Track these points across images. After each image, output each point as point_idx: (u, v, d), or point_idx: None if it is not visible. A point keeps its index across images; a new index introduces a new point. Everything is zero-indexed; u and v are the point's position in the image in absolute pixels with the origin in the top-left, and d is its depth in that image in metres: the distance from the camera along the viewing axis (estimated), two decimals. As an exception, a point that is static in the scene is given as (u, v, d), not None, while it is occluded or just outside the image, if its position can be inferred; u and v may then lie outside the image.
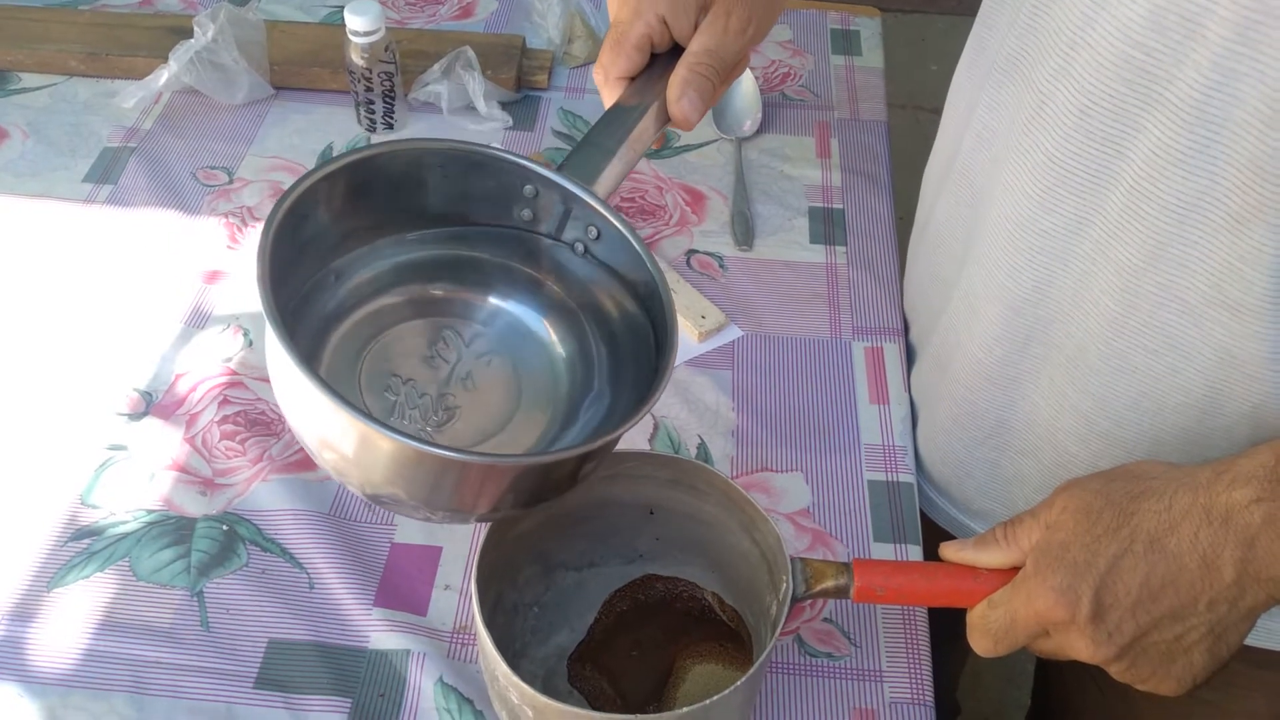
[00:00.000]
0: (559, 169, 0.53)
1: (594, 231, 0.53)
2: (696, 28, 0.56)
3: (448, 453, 0.44)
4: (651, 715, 0.48)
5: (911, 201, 0.75)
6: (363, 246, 0.53)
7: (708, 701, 0.48)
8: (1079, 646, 0.48)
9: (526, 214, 0.54)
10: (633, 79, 0.56)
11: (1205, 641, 0.47)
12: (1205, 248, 0.49)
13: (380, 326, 0.54)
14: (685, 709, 0.48)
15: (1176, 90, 0.47)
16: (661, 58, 0.57)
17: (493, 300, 0.57)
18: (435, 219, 0.54)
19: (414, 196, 0.52)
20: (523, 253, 0.56)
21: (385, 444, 0.43)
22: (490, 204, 0.54)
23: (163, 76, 0.90)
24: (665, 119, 0.56)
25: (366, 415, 0.42)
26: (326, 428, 0.45)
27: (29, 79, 0.94)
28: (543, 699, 0.48)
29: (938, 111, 0.69)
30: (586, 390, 0.55)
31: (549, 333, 0.57)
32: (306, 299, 0.51)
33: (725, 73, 0.56)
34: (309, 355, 0.49)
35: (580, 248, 0.54)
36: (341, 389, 0.45)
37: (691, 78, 0.55)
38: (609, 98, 0.56)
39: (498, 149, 0.52)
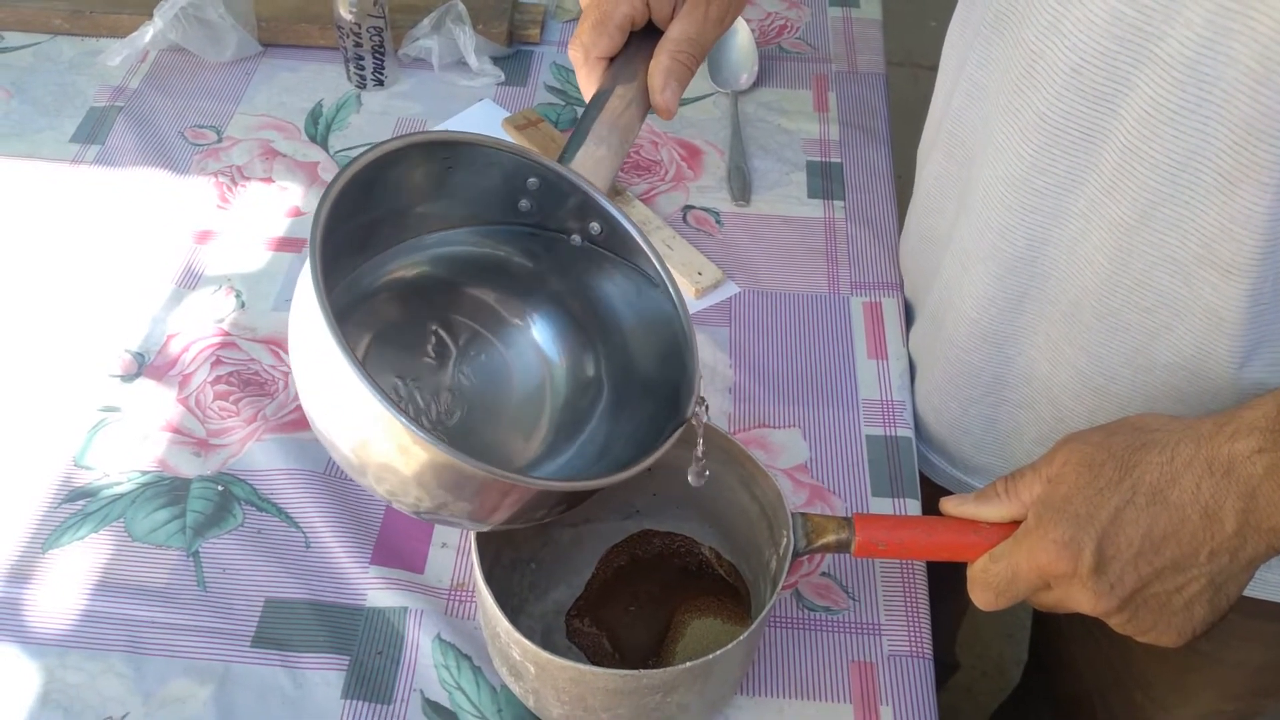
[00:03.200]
0: (562, 161, 0.52)
1: (597, 227, 0.53)
2: (674, 11, 0.56)
3: (541, 482, 0.45)
4: (654, 670, 0.48)
5: (910, 160, 0.74)
6: (365, 257, 0.52)
7: (710, 657, 0.48)
8: (1081, 599, 0.48)
9: (525, 204, 0.53)
10: (611, 59, 0.56)
11: (1206, 593, 0.47)
12: (1197, 207, 0.49)
13: (376, 326, 0.53)
14: (688, 663, 0.48)
15: (1168, 47, 0.46)
16: (635, 37, 0.56)
17: (489, 297, 0.56)
18: (430, 218, 0.53)
19: (416, 194, 0.51)
20: (522, 248, 0.55)
21: (470, 472, 0.43)
22: (490, 196, 0.53)
23: (148, 34, 0.89)
24: (647, 106, 0.56)
25: (455, 450, 0.42)
26: (399, 457, 0.44)
27: (12, 38, 0.93)
28: (545, 655, 0.48)
29: (936, 69, 0.68)
30: (591, 387, 0.55)
31: (548, 327, 0.56)
32: None
33: (701, 61, 0.57)
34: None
35: (577, 239, 0.54)
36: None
37: (674, 67, 0.55)
38: (588, 76, 0.56)
39: (504, 141, 0.51)
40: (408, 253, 0.54)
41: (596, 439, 0.54)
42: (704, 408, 0.51)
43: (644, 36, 0.56)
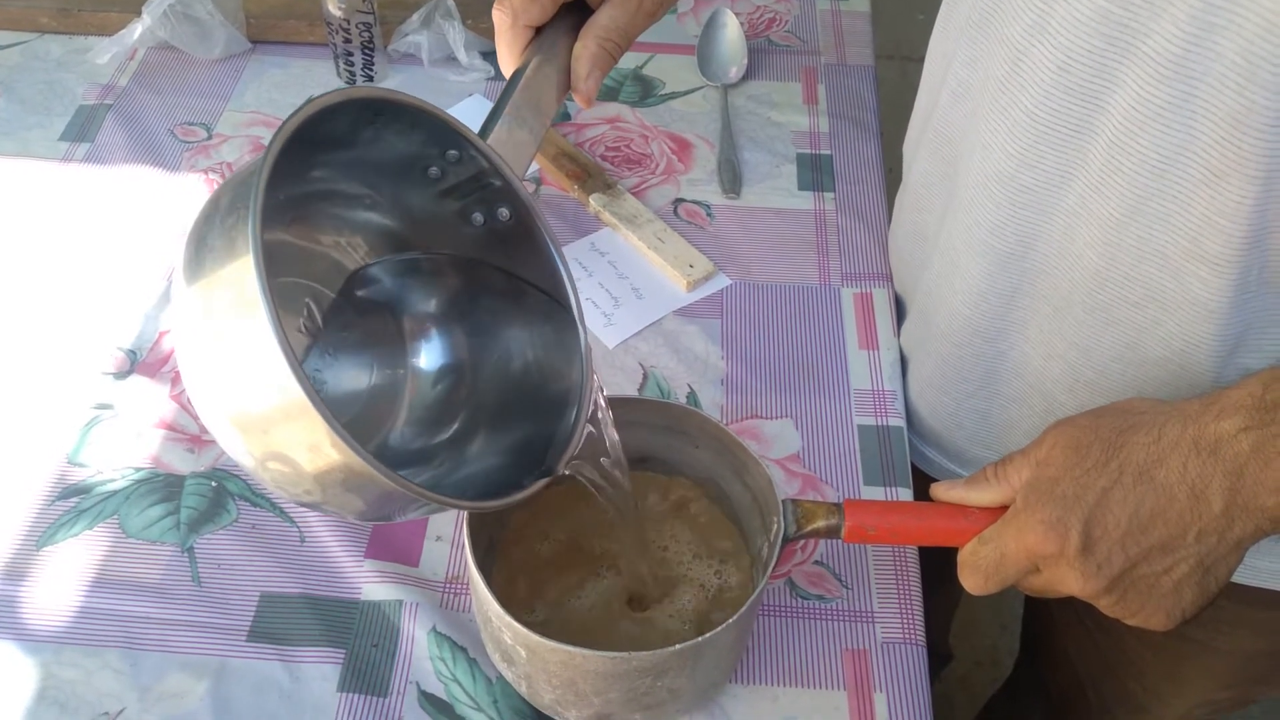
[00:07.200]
0: (481, 137, 0.49)
1: (506, 213, 0.51)
2: None
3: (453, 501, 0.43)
4: (643, 652, 0.48)
5: (900, 155, 0.74)
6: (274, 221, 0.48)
7: (700, 639, 0.48)
8: (1069, 579, 0.48)
9: (435, 171, 0.50)
10: (538, 29, 0.54)
11: (1195, 574, 0.48)
12: (1185, 201, 0.49)
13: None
14: (678, 646, 0.48)
15: (1154, 44, 0.46)
16: (562, 10, 0.54)
17: (377, 279, 0.53)
18: (342, 185, 0.49)
19: (337, 148, 0.47)
20: (432, 232, 0.52)
21: (381, 482, 0.40)
22: (403, 158, 0.49)
23: (136, 31, 0.89)
24: (567, 87, 0.54)
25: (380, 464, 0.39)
26: (305, 454, 0.40)
27: (-1, 36, 0.93)
28: (535, 638, 0.48)
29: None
30: (462, 388, 0.53)
31: (431, 321, 0.54)
32: None
33: (625, 51, 0.55)
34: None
35: (479, 218, 0.51)
36: None
37: (601, 56, 0.54)
38: (512, 42, 0.54)
39: (433, 106, 0.47)
40: (305, 219, 0.50)
41: (467, 440, 0.52)
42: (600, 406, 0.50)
43: (570, 11, 0.54)
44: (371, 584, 0.61)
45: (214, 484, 0.65)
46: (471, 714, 0.56)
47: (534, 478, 0.47)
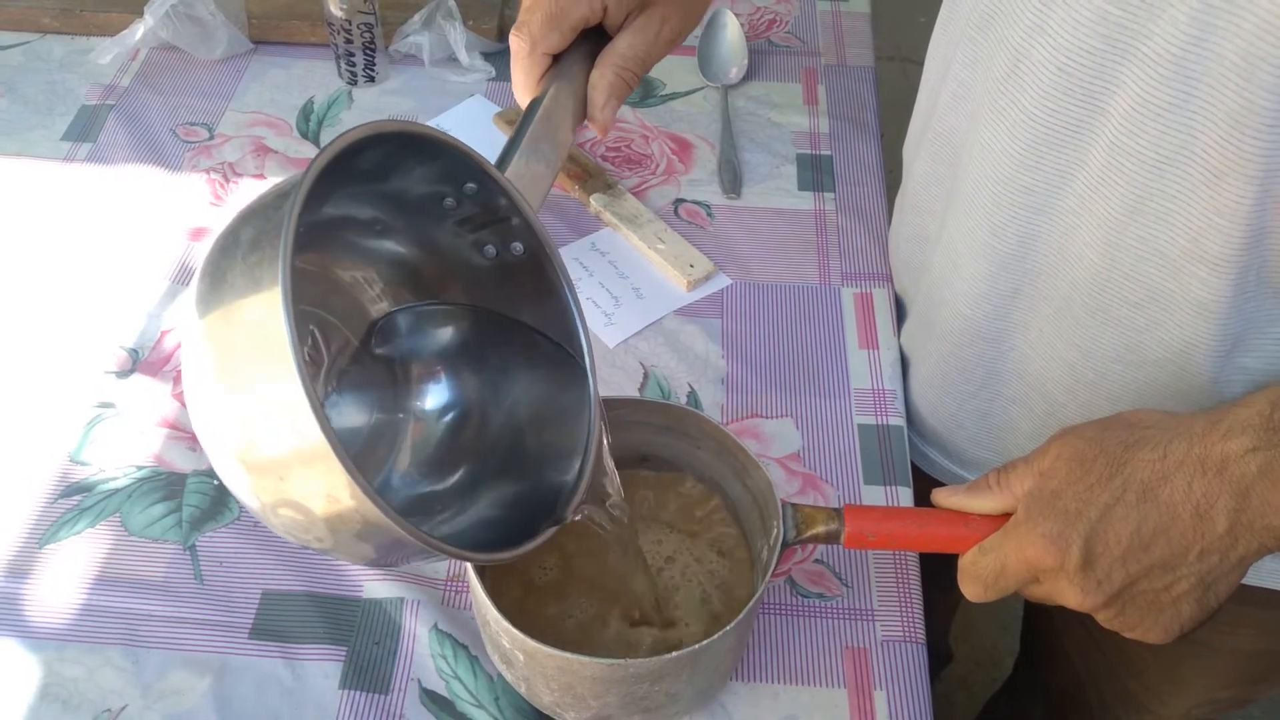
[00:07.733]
0: (499, 169, 0.48)
1: (520, 248, 0.50)
2: (625, 20, 0.54)
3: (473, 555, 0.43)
4: (640, 659, 0.48)
5: (900, 156, 0.74)
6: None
7: (696, 646, 0.48)
8: (1068, 594, 0.48)
9: (450, 202, 0.49)
10: (555, 56, 0.54)
11: (1195, 592, 0.47)
12: (1184, 201, 0.49)
13: None
14: (674, 653, 0.48)
15: (1153, 45, 0.46)
16: (579, 37, 0.54)
17: (391, 321, 0.53)
18: (360, 211, 0.49)
19: (360, 180, 0.46)
20: (430, 254, 0.51)
21: (397, 534, 0.39)
22: (420, 189, 0.48)
23: (138, 31, 0.89)
24: (583, 116, 0.54)
25: (397, 516, 0.38)
26: (320, 501, 0.39)
27: (1, 37, 0.93)
28: (533, 644, 0.48)
29: (925, 64, 0.68)
30: (467, 430, 0.53)
31: (436, 361, 0.54)
32: None
33: (640, 79, 0.55)
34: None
35: (491, 251, 0.50)
36: None
37: (618, 85, 0.54)
38: (530, 69, 0.53)
39: (460, 141, 0.46)
40: (316, 246, 0.49)
41: (472, 486, 0.52)
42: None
43: (586, 37, 0.54)
44: (373, 582, 0.61)
45: (216, 482, 0.65)
46: (473, 711, 0.56)
47: (543, 525, 0.47)
